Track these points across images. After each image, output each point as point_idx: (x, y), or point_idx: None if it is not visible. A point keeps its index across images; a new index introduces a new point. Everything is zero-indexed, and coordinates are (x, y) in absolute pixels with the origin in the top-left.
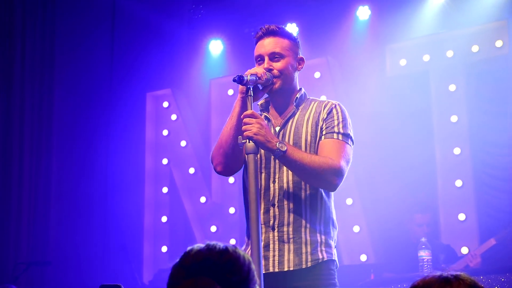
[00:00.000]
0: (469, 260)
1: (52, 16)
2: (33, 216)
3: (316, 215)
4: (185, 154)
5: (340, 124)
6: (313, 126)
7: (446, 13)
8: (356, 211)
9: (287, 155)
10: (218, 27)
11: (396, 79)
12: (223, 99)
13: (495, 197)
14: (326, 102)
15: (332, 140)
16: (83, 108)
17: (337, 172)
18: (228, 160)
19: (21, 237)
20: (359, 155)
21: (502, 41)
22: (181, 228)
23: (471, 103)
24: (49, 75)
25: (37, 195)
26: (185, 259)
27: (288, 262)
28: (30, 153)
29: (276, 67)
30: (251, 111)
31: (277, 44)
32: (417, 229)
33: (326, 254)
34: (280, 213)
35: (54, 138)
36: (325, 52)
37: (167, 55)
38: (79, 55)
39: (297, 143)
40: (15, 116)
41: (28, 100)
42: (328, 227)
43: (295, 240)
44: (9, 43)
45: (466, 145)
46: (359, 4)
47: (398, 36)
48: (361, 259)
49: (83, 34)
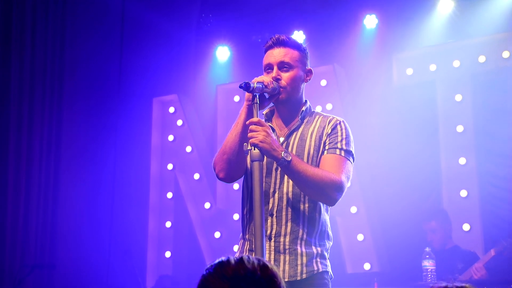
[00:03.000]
0: (474, 273)
1: (62, 21)
2: (40, 220)
3: (313, 228)
4: (190, 160)
5: (344, 140)
6: (316, 140)
7: (454, 23)
8: (360, 220)
9: (291, 165)
10: (225, 33)
11: (402, 88)
12: (229, 105)
13: (500, 208)
14: (331, 117)
15: (335, 156)
16: (90, 112)
17: (338, 187)
18: (231, 167)
19: (27, 240)
20: (365, 163)
21: (509, 52)
22: (185, 234)
23: (477, 113)
24: (58, 80)
25: (45, 199)
26: (225, 269)
27: (284, 273)
28: (40, 156)
29: (284, 77)
30: (258, 118)
31: (286, 54)
32: (431, 235)
33: (321, 266)
34: (278, 224)
35: (62, 143)
36: (332, 60)
37: (174, 61)
38: (88, 60)
39: (299, 155)
40: (24, 121)
41: (38, 104)
42: (323, 240)
43: (291, 252)
44: (20, 47)
45: (471, 155)
46: (366, 13)
47: (405, 45)
48: (365, 267)
49: (92, 39)
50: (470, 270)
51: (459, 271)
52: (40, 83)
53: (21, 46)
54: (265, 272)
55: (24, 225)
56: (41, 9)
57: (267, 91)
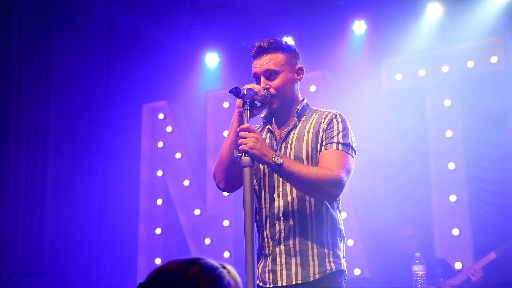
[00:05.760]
0: (471, 274)
1: (50, 27)
2: (28, 227)
3: (322, 227)
4: (180, 166)
5: (340, 134)
6: (313, 137)
7: (442, 28)
8: (350, 225)
9: (283, 168)
10: (215, 39)
11: (391, 94)
12: (219, 112)
13: (490, 212)
14: (327, 112)
15: (332, 151)
16: (79, 119)
17: (336, 183)
18: (229, 177)
19: (16, 248)
20: (354, 168)
21: (497, 57)
22: (176, 240)
23: (466, 118)
24: (46, 86)
25: (33, 206)
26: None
27: (296, 275)
28: (26, 163)
29: (273, 85)
30: (247, 125)
31: (270, 61)
32: (401, 242)
33: (335, 265)
34: (286, 227)
35: (49, 149)
36: (321, 66)
37: (163, 67)
38: (76, 66)
39: (298, 155)
40: (11, 127)
41: (25, 110)
42: (335, 238)
43: (302, 253)
44: (5, 52)
45: (460, 160)
46: (355, 18)
47: (394, 51)
48: (355, 273)
49: (80, 44)
50: (467, 272)
51: (441, 275)
52: (27, 89)
53: (7, 52)
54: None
55: (12, 233)
56: (28, 11)
57: (258, 99)
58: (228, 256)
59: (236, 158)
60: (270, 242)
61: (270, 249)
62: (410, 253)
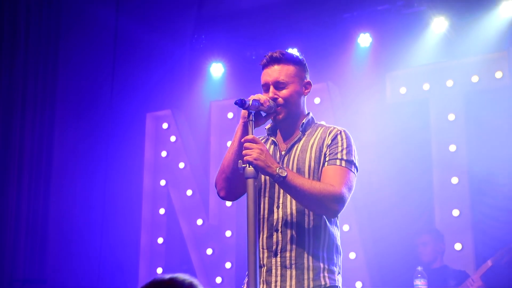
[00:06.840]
0: (470, 284)
1: (55, 36)
2: (30, 235)
3: (319, 241)
4: (183, 176)
5: (344, 150)
6: (317, 152)
7: (447, 42)
8: (352, 238)
9: (286, 180)
10: (219, 50)
11: (396, 107)
12: (223, 122)
13: (492, 227)
14: (332, 128)
15: (335, 167)
16: (82, 127)
17: (337, 199)
18: (231, 185)
19: (17, 255)
20: (357, 181)
21: (502, 72)
22: (177, 250)
23: (470, 132)
24: (50, 94)
25: (35, 214)
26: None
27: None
28: (30, 171)
29: (281, 95)
30: (252, 136)
31: (281, 72)
32: (422, 248)
33: (329, 280)
34: (283, 239)
35: (54, 157)
36: (326, 78)
37: (168, 76)
38: (81, 75)
39: (300, 168)
40: (16, 135)
41: (29, 119)
42: (331, 253)
43: (297, 266)
44: (10, 60)
45: (464, 174)
46: (360, 31)
47: (399, 64)
48: (357, 286)
49: (85, 54)
50: (466, 282)
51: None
52: (32, 99)
53: (12, 61)
54: None
55: (14, 239)
56: (34, 20)
57: (263, 109)
58: (229, 266)
59: (240, 169)
60: (266, 253)
61: (265, 260)
62: (426, 261)
